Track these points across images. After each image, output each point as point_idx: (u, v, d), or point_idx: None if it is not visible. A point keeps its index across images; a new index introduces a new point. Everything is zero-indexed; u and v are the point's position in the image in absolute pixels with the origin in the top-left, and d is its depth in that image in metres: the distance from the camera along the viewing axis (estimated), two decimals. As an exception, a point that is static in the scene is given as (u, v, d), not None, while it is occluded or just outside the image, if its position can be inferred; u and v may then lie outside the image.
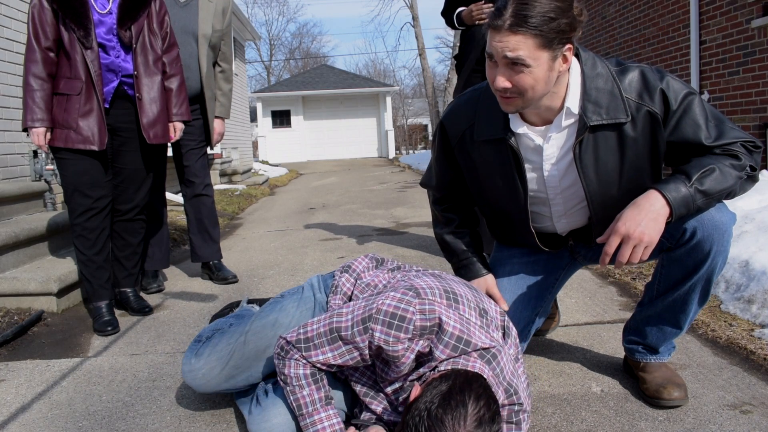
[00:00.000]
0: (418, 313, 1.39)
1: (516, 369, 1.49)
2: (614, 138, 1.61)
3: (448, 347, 1.39)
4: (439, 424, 1.20)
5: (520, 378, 1.49)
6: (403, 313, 1.39)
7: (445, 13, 3.40)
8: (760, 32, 5.09)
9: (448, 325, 1.39)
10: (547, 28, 1.43)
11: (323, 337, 1.47)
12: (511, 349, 1.50)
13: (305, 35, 49.75)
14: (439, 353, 1.39)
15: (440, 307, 1.40)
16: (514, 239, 1.94)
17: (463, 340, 1.39)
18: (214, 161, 9.50)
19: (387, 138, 23.61)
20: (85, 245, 2.64)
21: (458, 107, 1.83)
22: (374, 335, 1.40)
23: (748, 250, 2.62)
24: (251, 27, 14.74)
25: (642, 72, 1.61)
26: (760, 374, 1.87)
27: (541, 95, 1.55)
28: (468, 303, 1.46)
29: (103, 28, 2.54)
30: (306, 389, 1.50)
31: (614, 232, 1.52)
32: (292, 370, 1.50)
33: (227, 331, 1.78)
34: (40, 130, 2.48)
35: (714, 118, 1.59)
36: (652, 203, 1.50)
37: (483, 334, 1.43)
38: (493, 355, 1.40)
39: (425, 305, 1.40)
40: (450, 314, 1.40)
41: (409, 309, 1.39)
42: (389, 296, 1.43)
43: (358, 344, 1.44)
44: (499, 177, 1.75)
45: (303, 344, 1.49)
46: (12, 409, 1.90)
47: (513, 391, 1.41)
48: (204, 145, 3.42)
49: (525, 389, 1.48)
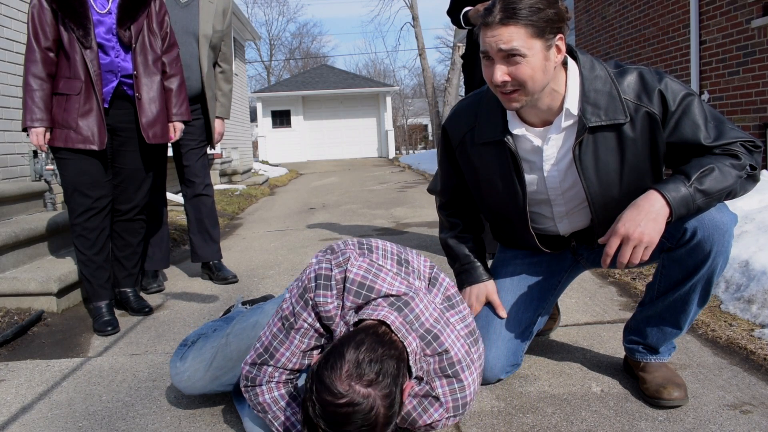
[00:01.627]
0: (335, 267, 1.41)
1: (447, 317, 1.46)
2: (613, 139, 1.62)
3: (351, 293, 1.40)
4: (318, 381, 1.21)
5: (454, 327, 1.46)
6: (325, 272, 1.41)
7: (451, 12, 3.38)
8: (760, 32, 5.09)
9: (351, 272, 1.40)
10: (536, 18, 1.47)
11: (279, 335, 1.48)
12: (437, 298, 1.48)
13: (305, 35, 49.75)
14: (346, 301, 1.41)
15: (352, 254, 1.43)
16: (516, 241, 1.94)
17: (366, 286, 1.39)
18: (214, 161, 9.50)
19: (387, 138, 23.61)
20: (85, 245, 2.64)
21: (460, 111, 1.85)
22: (311, 304, 1.42)
23: (748, 250, 2.62)
24: (251, 27, 14.73)
25: (640, 73, 1.62)
26: (760, 374, 1.87)
27: (542, 87, 1.56)
28: (384, 253, 1.47)
29: (103, 28, 2.54)
30: (288, 410, 1.49)
31: (614, 234, 1.53)
32: (266, 396, 1.49)
33: (211, 335, 1.80)
34: (40, 129, 2.48)
35: (713, 119, 1.59)
36: (651, 204, 1.50)
37: (397, 281, 1.42)
38: (405, 303, 1.39)
39: (339, 257, 1.43)
40: (357, 261, 1.41)
41: (324, 266, 1.42)
42: (311, 264, 1.46)
43: (307, 320, 1.43)
44: (499, 179, 1.76)
45: (265, 354, 1.48)
46: (12, 409, 1.90)
47: (432, 338, 1.39)
48: (204, 145, 3.42)
49: (462, 338, 1.45)
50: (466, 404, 1.45)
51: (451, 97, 15.29)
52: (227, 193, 8.27)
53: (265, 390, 1.50)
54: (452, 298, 1.53)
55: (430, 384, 1.42)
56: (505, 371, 1.88)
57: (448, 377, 1.41)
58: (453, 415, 1.45)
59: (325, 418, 1.20)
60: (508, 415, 1.70)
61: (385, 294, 1.40)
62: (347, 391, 1.20)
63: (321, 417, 1.21)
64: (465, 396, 1.44)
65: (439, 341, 1.40)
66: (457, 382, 1.42)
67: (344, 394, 1.20)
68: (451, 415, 1.44)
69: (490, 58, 1.54)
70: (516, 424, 1.65)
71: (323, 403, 1.20)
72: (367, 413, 1.21)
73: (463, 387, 1.43)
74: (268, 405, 1.50)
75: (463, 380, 1.42)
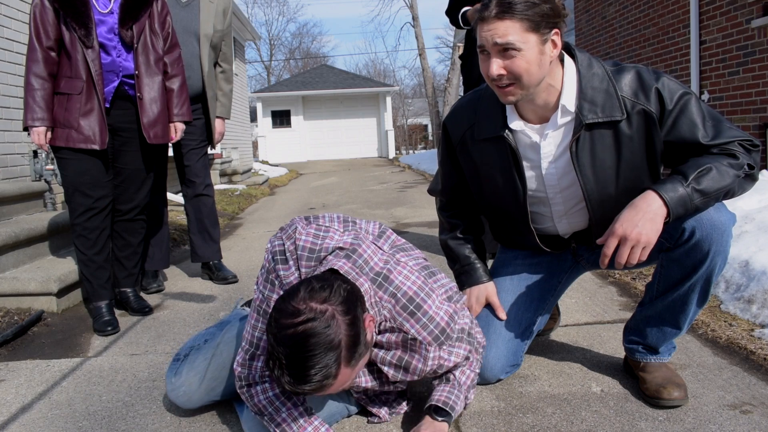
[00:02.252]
0: (286, 240, 1.48)
1: (397, 258, 1.49)
2: (610, 136, 1.63)
3: (303, 259, 1.45)
4: (275, 310, 1.27)
5: (406, 264, 1.49)
6: (278, 248, 1.48)
7: (449, 12, 3.39)
8: (760, 32, 5.09)
9: (300, 240, 1.45)
10: (531, 12, 1.50)
11: (258, 324, 1.50)
12: (385, 245, 1.53)
13: (305, 35, 49.76)
14: (302, 268, 1.45)
15: (299, 225, 1.49)
16: (517, 240, 1.94)
17: (316, 250, 1.45)
18: (214, 161, 9.50)
19: (387, 138, 23.60)
20: (86, 245, 2.64)
21: (459, 108, 1.86)
22: (276, 282, 1.47)
23: (748, 250, 2.62)
24: (251, 27, 14.73)
25: (638, 72, 1.63)
26: (760, 374, 1.87)
27: (538, 81, 1.57)
28: (331, 218, 1.53)
29: (104, 28, 2.54)
30: (283, 411, 1.49)
31: (611, 234, 1.53)
32: (261, 397, 1.51)
33: (202, 347, 1.80)
34: (41, 129, 2.48)
35: (711, 118, 1.60)
36: (649, 204, 1.51)
37: (345, 235, 1.48)
38: (353, 250, 1.45)
39: (287, 230, 1.49)
40: (305, 230, 1.47)
41: (276, 243, 1.49)
42: (267, 249, 1.52)
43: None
44: (499, 175, 1.76)
45: (252, 348, 1.51)
46: (12, 409, 1.90)
47: (382, 279, 1.44)
48: (205, 145, 3.42)
49: (415, 272, 1.48)
50: (443, 330, 1.47)
51: (451, 97, 15.29)
52: (227, 193, 8.27)
53: (260, 390, 1.51)
54: (403, 247, 1.59)
55: (401, 329, 1.45)
56: (505, 371, 1.88)
57: (413, 314, 1.44)
58: (440, 345, 1.46)
59: (286, 344, 1.22)
60: (508, 415, 1.70)
61: (333, 248, 1.45)
62: (303, 308, 1.24)
63: (282, 345, 1.23)
64: (437, 323, 1.46)
65: (389, 280, 1.44)
66: (423, 315, 1.45)
67: (301, 311, 1.24)
68: (436, 346, 1.46)
69: (486, 52, 1.56)
70: (516, 424, 1.65)
71: (281, 327, 1.24)
72: (327, 328, 1.24)
73: (431, 317, 1.45)
74: (264, 406, 1.50)
75: (428, 310, 1.45)
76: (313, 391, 1.27)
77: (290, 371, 1.24)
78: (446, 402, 1.56)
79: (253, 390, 1.51)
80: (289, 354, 1.23)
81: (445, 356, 1.50)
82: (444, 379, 1.61)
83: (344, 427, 1.69)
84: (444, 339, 1.48)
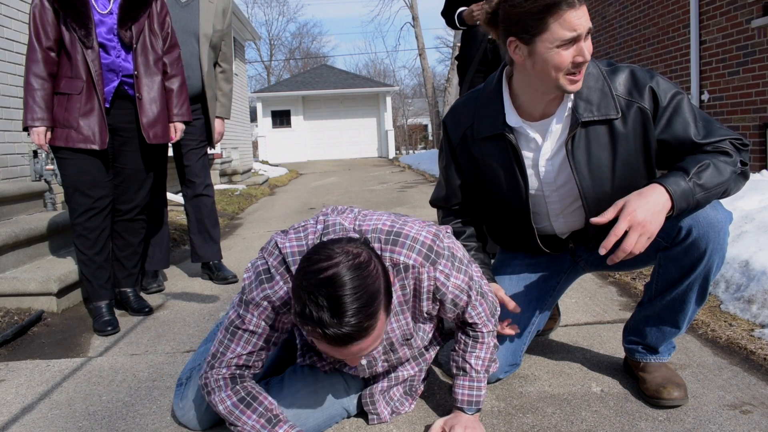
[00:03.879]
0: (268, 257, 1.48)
1: (370, 214, 1.51)
2: (605, 134, 1.64)
3: (294, 264, 1.44)
4: (304, 273, 1.24)
5: (382, 215, 1.51)
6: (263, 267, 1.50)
7: (445, 13, 3.38)
8: (760, 32, 5.09)
9: (285, 249, 1.45)
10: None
11: (224, 341, 1.52)
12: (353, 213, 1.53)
13: (305, 35, 49.81)
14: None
15: (277, 238, 1.48)
16: (516, 242, 1.94)
17: (304, 249, 1.44)
18: (214, 161, 9.50)
19: (387, 138, 23.61)
20: (86, 245, 2.64)
21: (458, 108, 1.86)
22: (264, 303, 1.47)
23: (748, 250, 2.62)
24: (251, 27, 14.73)
25: (632, 71, 1.66)
26: (760, 374, 1.87)
27: None
28: (305, 223, 1.53)
29: (104, 28, 2.54)
30: (246, 421, 1.49)
31: (625, 214, 1.49)
32: (220, 408, 1.51)
33: (203, 364, 1.76)
34: (41, 129, 2.48)
35: (702, 119, 1.63)
36: (657, 196, 1.51)
37: (318, 225, 1.49)
38: (327, 226, 1.46)
39: (267, 248, 1.50)
40: (284, 241, 1.47)
41: (260, 262, 1.49)
42: (247, 269, 1.53)
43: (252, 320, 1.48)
44: (501, 173, 1.76)
45: (216, 360, 1.52)
46: (12, 409, 1.90)
47: (358, 232, 1.46)
48: (205, 145, 3.42)
49: (389, 217, 1.50)
50: (431, 248, 1.45)
51: (451, 97, 15.29)
52: (227, 193, 8.27)
53: (218, 398, 1.52)
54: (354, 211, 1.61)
55: (392, 263, 1.44)
56: (504, 371, 1.88)
57: (396, 242, 1.44)
58: (433, 264, 1.45)
59: (326, 284, 1.19)
60: (508, 415, 1.70)
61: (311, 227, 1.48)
62: (339, 251, 1.24)
63: (322, 287, 1.19)
64: (422, 242, 1.45)
65: (364, 229, 1.46)
66: (406, 238, 1.44)
67: (337, 253, 1.23)
68: (429, 265, 1.45)
69: (577, 40, 1.51)
70: (516, 424, 1.65)
71: (318, 271, 1.21)
72: (368, 266, 1.23)
73: (414, 237, 1.45)
74: (227, 414, 1.52)
75: (409, 232, 1.45)
76: (353, 335, 1.20)
77: (332, 311, 1.18)
78: (470, 402, 1.60)
79: (213, 395, 1.53)
80: (330, 294, 1.18)
81: (442, 279, 1.47)
82: (462, 371, 1.62)
83: (344, 427, 1.69)
84: (434, 257, 1.45)
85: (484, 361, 1.63)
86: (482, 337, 1.63)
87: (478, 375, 1.61)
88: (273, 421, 1.50)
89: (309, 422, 1.62)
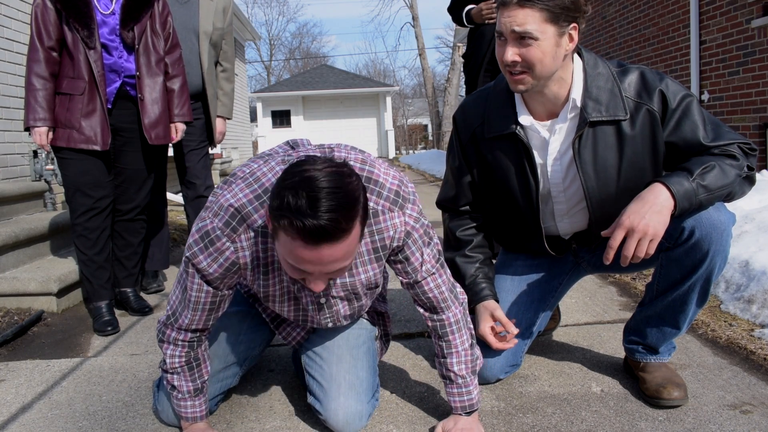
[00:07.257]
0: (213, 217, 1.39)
1: (337, 148, 1.50)
2: (613, 135, 1.64)
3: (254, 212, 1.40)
4: (287, 174, 1.21)
5: (350, 150, 1.49)
6: (207, 228, 1.42)
7: (452, 10, 3.30)
8: (760, 32, 5.09)
9: (228, 201, 1.38)
10: (552, 4, 1.49)
11: (180, 296, 1.50)
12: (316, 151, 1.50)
13: (305, 35, 49.87)
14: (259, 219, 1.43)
15: (219, 192, 1.42)
16: (521, 242, 1.93)
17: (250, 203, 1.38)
18: (214, 161, 9.50)
19: (387, 138, 23.63)
20: (86, 245, 2.64)
21: (468, 105, 1.86)
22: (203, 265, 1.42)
23: (748, 250, 2.62)
24: (251, 27, 14.74)
25: (642, 73, 1.65)
26: (760, 374, 1.88)
27: (550, 72, 1.58)
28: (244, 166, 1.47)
29: (106, 29, 2.54)
30: (181, 380, 1.57)
31: (618, 226, 1.52)
32: (167, 357, 1.56)
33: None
34: (42, 129, 2.48)
35: (711, 122, 1.63)
36: (656, 196, 1.51)
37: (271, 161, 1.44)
38: (294, 157, 1.42)
39: (210, 207, 1.42)
40: (228, 195, 1.39)
41: (204, 224, 1.42)
42: (192, 234, 1.45)
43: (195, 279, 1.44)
44: (511, 172, 1.76)
45: (175, 316, 1.51)
46: (12, 409, 1.90)
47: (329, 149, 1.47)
48: (205, 145, 3.41)
49: (358, 154, 1.48)
50: (398, 193, 1.44)
51: (451, 97, 15.30)
52: (227, 193, 8.25)
53: (170, 350, 1.55)
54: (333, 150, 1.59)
55: None
56: (504, 371, 1.88)
57: (365, 187, 1.34)
58: (401, 209, 1.45)
59: (300, 185, 1.16)
60: (508, 415, 1.70)
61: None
62: (313, 162, 1.21)
63: (294, 188, 1.16)
64: (390, 188, 1.43)
65: (335, 156, 1.44)
66: (375, 185, 1.42)
67: (312, 161, 1.21)
68: (398, 210, 1.44)
69: (504, 38, 1.56)
70: (516, 424, 1.65)
71: (293, 173, 1.19)
72: (351, 175, 1.21)
73: (381, 184, 1.43)
74: (167, 365, 1.56)
75: (378, 178, 1.43)
76: (329, 229, 1.16)
77: (311, 202, 1.15)
78: (464, 407, 1.59)
79: (164, 345, 1.56)
80: (311, 188, 1.16)
81: (411, 222, 1.46)
82: (448, 380, 1.60)
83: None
84: (402, 201, 1.45)
85: (467, 364, 1.59)
86: (451, 333, 1.58)
87: (465, 380, 1.58)
88: (199, 390, 1.60)
89: (240, 340, 1.76)
